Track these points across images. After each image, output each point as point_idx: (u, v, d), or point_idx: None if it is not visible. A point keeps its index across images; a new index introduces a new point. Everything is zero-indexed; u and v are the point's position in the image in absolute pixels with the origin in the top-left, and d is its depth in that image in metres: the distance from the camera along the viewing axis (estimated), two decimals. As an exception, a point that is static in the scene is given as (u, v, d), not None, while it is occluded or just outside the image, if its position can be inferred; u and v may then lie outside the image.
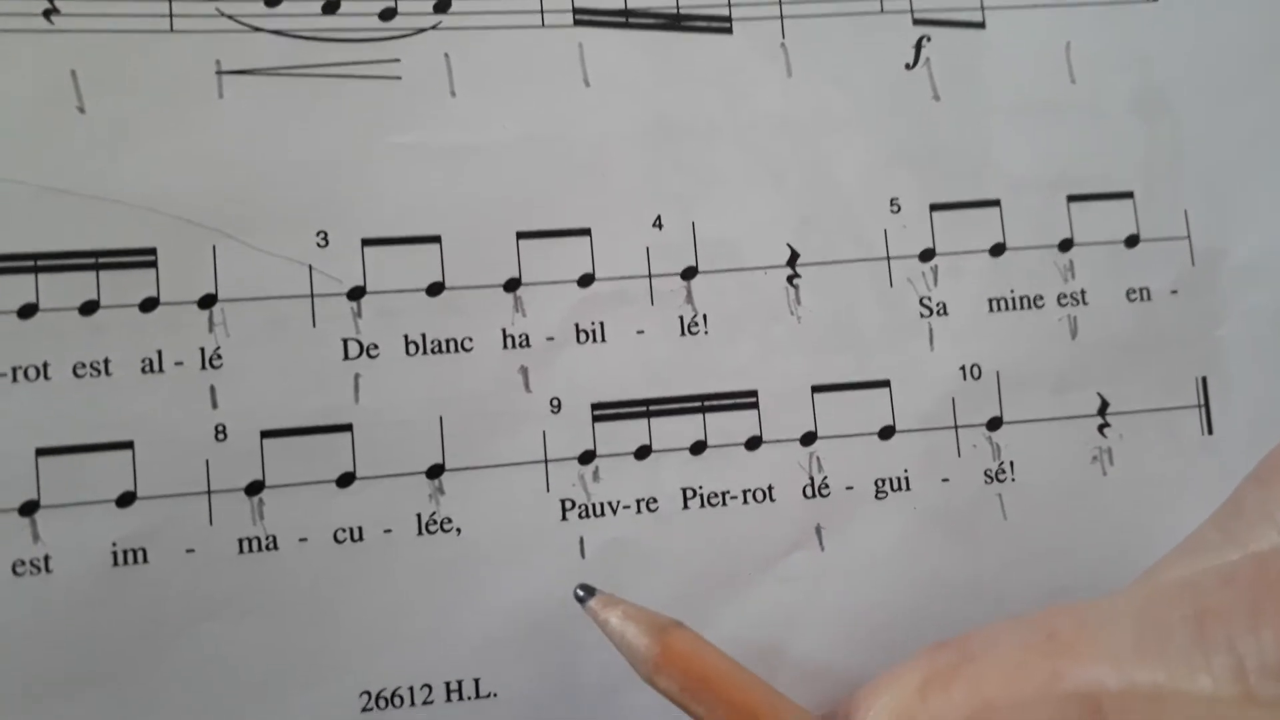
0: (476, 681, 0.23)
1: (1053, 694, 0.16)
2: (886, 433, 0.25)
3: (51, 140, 0.23)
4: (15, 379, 0.22)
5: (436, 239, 0.24)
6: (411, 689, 0.23)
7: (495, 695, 0.23)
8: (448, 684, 0.23)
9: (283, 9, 0.24)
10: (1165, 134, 0.26)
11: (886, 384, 0.25)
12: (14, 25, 0.23)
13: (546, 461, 0.24)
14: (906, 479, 0.25)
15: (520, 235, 0.24)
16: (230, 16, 0.24)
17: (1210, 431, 0.26)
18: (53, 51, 0.23)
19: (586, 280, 0.24)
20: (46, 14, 0.23)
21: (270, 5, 0.24)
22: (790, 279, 0.25)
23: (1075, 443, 0.25)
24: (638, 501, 0.24)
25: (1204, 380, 0.26)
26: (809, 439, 0.25)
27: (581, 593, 0.21)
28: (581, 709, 0.24)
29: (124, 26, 0.23)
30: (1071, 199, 0.26)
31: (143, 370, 0.23)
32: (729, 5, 0.26)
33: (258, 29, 0.24)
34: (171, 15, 0.23)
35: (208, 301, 0.23)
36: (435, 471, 0.24)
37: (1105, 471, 0.25)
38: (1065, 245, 0.26)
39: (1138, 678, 0.15)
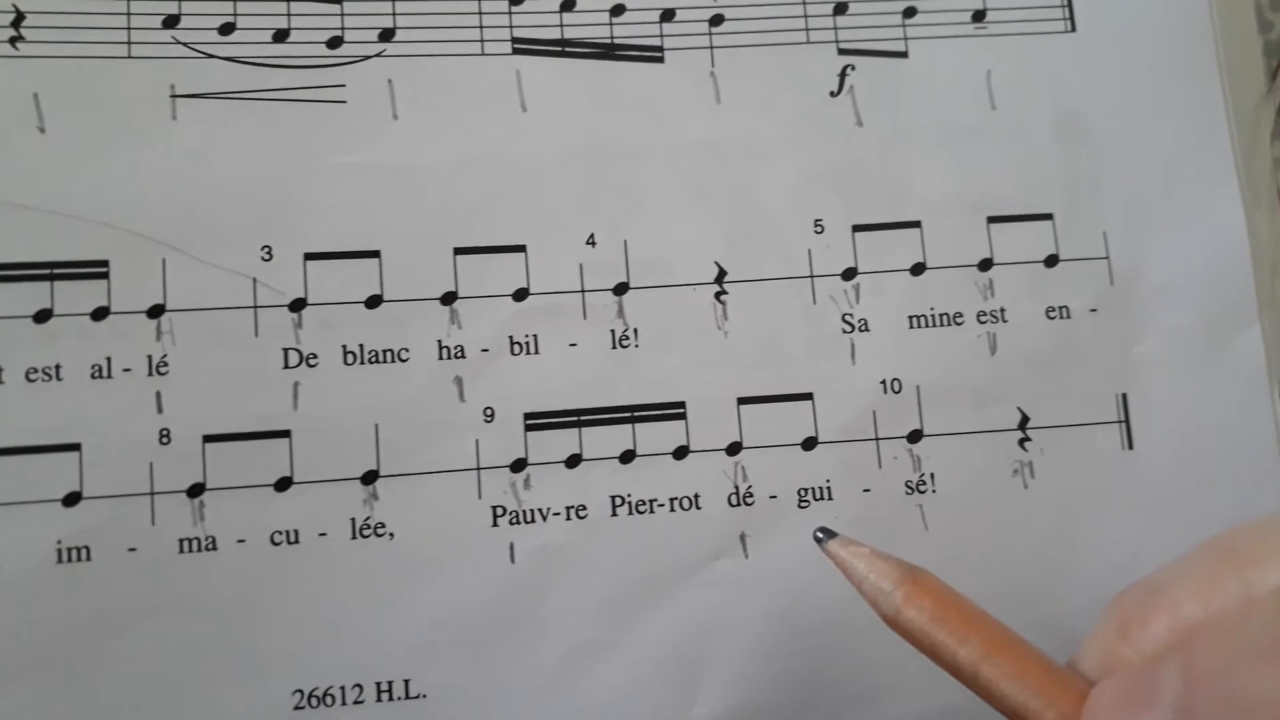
0: (407, 682, 0.26)
1: (1250, 600, 0.17)
2: (809, 444, 0.28)
3: (13, 158, 0.26)
4: (-30, 382, 0.25)
5: (376, 254, 0.27)
6: (343, 688, 0.26)
7: (425, 696, 0.26)
8: (378, 684, 0.26)
9: (235, 37, 0.27)
10: (1084, 158, 0.29)
11: (809, 396, 0.28)
12: (-18, 52, 0.26)
13: (479, 469, 0.27)
14: (829, 489, 0.27)
15: (457, 251, 0.27)
16: (185, 44, 0.27)
17: (1130, 446, 0.28)
18: (17, 75, 0.26)
19: (521, 295, 0.27)
20: (12, 41, 0.26)
21: (223, 33, 0.27)
22: (718, 295, 0.28)
23: (996, 456, 0.28)
24: (567, 509, 0.27)
25: (1124, 396, 0.29)
26: (735, 449, 0.27)
27: (821, 534, 0.21)
28: (509, 711, 0.26)
29: (85, 53, 0.26)
30: (991, 220, 0.29)
31: (92, 376, 0.25)
32: (661, 35, 0.29)
33: (211, 55, 0.27)
34: (130, 42, 0.27)
35: (156, 311, 0.26)
36: (370, 477, 0.26)
37: (1026, 484, 0.28)
38: (985, 265, 0.29)
39: None
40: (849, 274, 0.28)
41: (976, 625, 0.19)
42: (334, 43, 0.28)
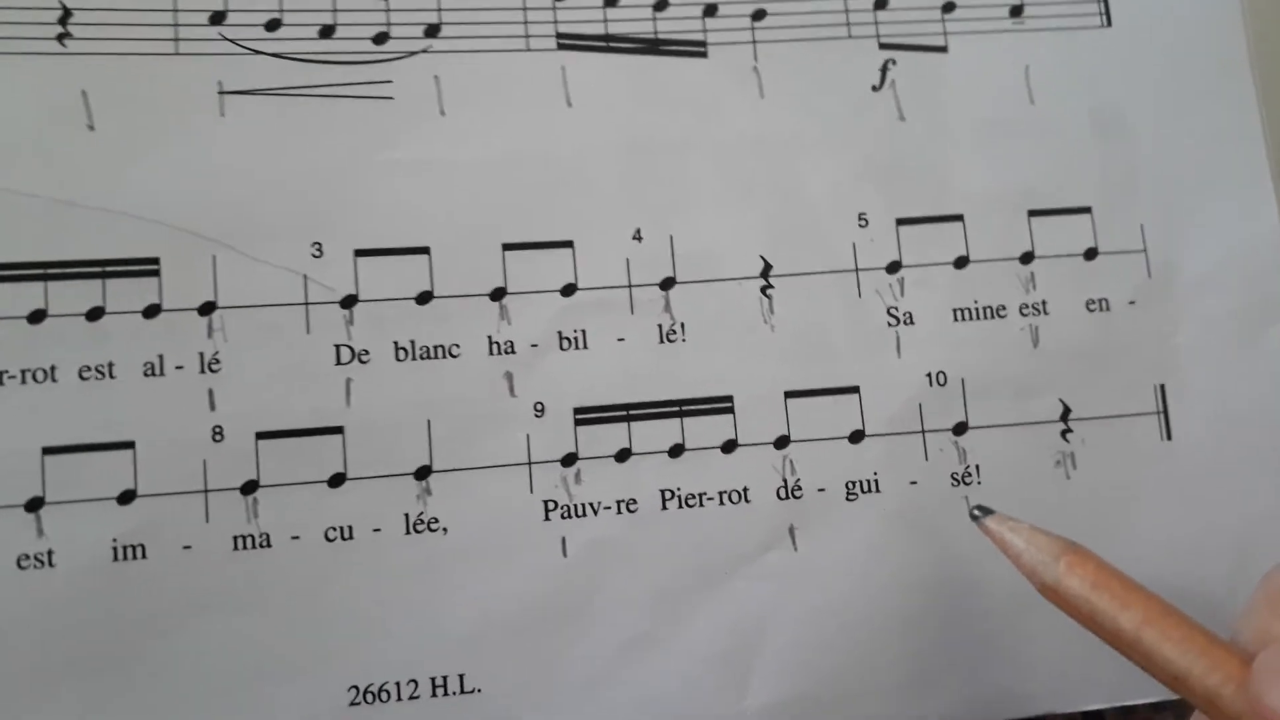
0: (461, 677, 0.26)
1: None
2: (856, 437, 0.28)
3: (62, 156, 0.26)
4: (24, 381, 0.25)
5: (426, 250, 0.27)
6: (398, 684, 0.26)
7: (480, 690, 0.26)
8: (433, 679, 0.26)
9: (282, 33, 0.27)
10: (1121, 152, 0.30)
11: (856, 390, 0.28)
12: (29, 48, 0.26)
13: (530, 464, 0.27)
14: (876, 481, 0.28)
15: (506, 247, 0.28)
16: (232, 40, 0.27)
17: (1169, 437, 0.29)
18: (65, 73, 0.26)
19: (569, 290, 0.28)
20: (60, 38, 0.26)
21: (270, 30, 0.27)
22: (764, 289, 0.28)
23: (1039, 447, 0.29)
24: (618, 502, 0.27)
25: (1162, 387, 0.29)
26: (782, 442, 0.28)
27: (978, 512, 0.23)
28: (563, 703, 0.26)
29: (132, 50, 0.27)
30: (1032, 214, 0.30)
31: (145, 374, 0.26)
32: (704, 30, 0.29)
33: (258, 52, 0.27)
34: (177, 39, 0.27)
35: (207, 308, 0.26)
36: (423, 473, 0.27)
37: (1068, 475, 0.29)
38: (1026, 258, 0.29)
39: None
40: (893, 267, 0.29)
41: (1137, 594, 0.20)
42: (380, 38, 0.28)
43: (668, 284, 0.28)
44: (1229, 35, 0.31)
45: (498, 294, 0.28)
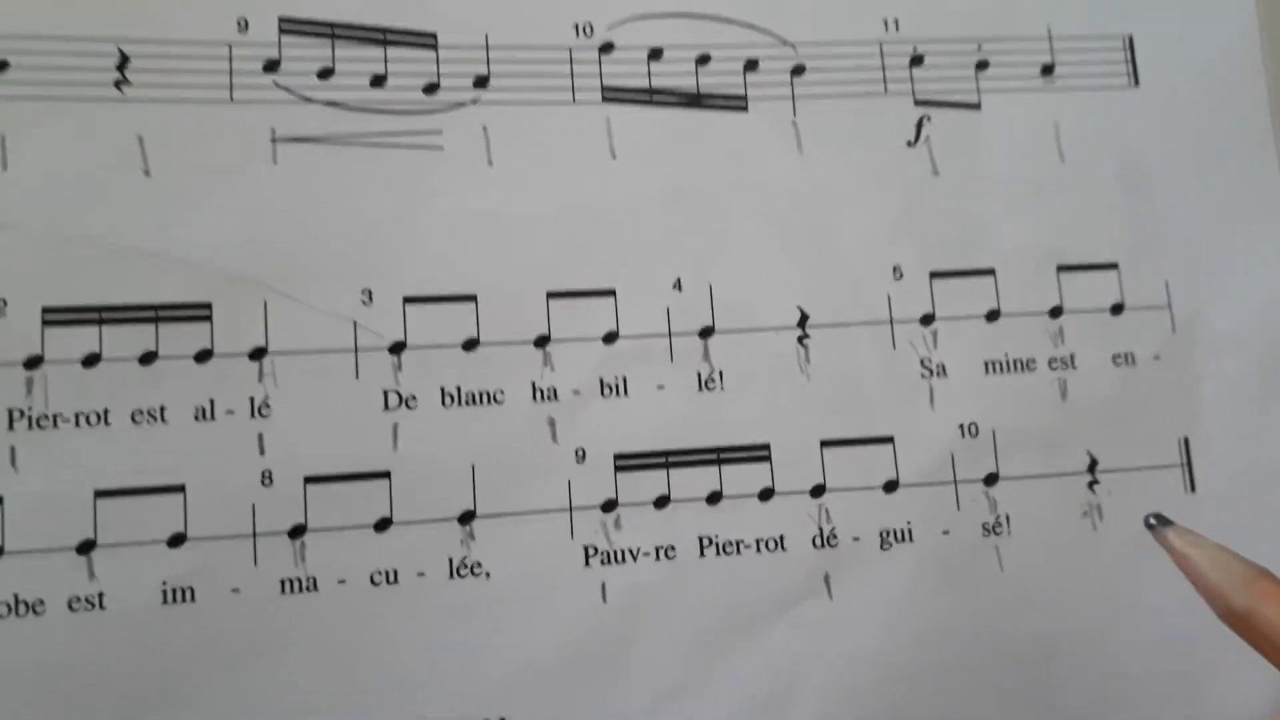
0: (502, 720, 0.27)
1: None
2: (890, 486, 0.29)
3: (118, 201, 0.26)
4: (78, 424, 0.26)
5: (473, 298, 0.28)
6: (440, 727, 0.26)
7: (519, 734, 0.27)
8: (474, 722, 0.27)
9: (334, 82, 0.28)
10: (1147, 209, 0.31)
11: (890, 440, 0.29)
12: (87, 94, 0.27)
13: (571, 509, 0.28)
14: (910, 531, 0.29)
15: (550, 295, 0.28)
16: (285, 89, 0.28)
17: (1193, 489, 0.30)
18: (122, 119, 0.27)
19: (611, 338, 0.28)
20: (117, 84, 0.27)
21: (322, 78, 0.28)
22: (800, 339, 0.29)
23: (1067, 498, 0.30)
24: (657, 549, 0.28)
25: (1186, 441, 0.30)
26: (818, 491, 0.29)
27: (1155, 521, 0.22)
28: (601, 748, 0.27)
29: (188, 97, 0.27)
30: (1061, 269, 0.30)
31: (196, 418, 0.26)
32: (745, 85, 0.30)
33: (310, 100, 0.28)
34: (232, 87, 0.27)
35: (258, 354, 0.27)
36: (467, 518, 0.27)
37: (1095, 526, 0.30)
38: (1055, 312, 0.30)
39: None
40: (926, 319, 0.30)
41: None
42: (430, 89, 0.29)
43: (706, 333, 0.29)
44: (1252, 95, 0.32)
45: (542, 341, 0.28)
